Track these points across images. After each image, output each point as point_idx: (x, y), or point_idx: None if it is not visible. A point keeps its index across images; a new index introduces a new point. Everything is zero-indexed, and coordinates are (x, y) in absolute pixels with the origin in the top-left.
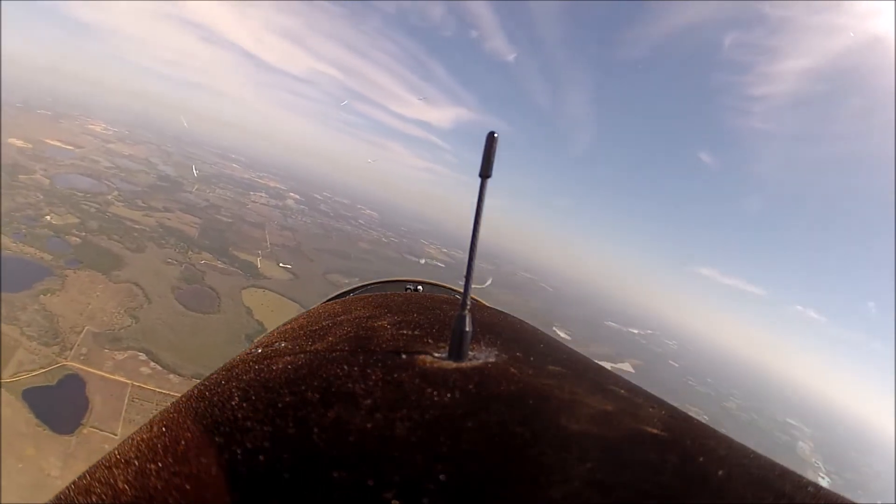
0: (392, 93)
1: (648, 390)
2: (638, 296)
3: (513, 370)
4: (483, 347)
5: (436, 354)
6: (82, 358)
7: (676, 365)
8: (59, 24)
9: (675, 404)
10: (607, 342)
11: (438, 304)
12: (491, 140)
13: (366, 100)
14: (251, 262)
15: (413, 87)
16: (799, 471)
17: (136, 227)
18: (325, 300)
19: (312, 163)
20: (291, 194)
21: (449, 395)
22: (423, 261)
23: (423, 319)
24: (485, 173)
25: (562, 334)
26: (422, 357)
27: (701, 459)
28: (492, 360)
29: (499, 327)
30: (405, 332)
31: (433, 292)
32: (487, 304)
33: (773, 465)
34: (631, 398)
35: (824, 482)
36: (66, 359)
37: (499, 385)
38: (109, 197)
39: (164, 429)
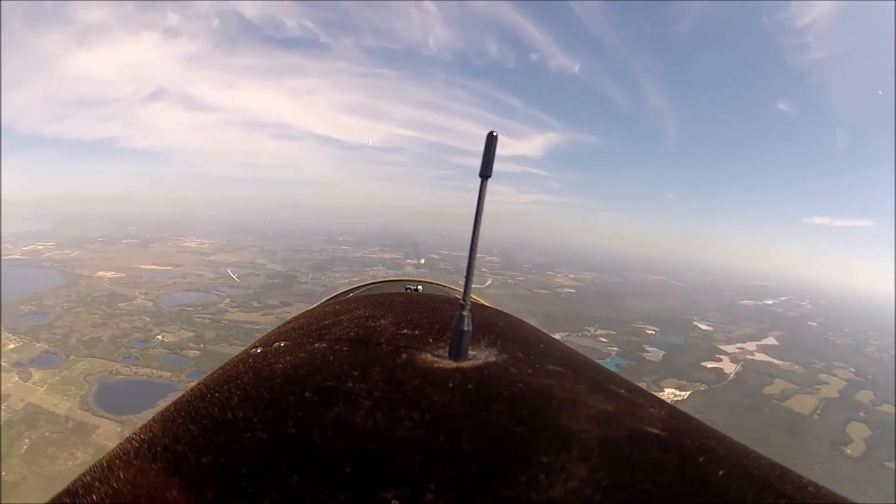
0: (478, 136)
1: (796, 358)
2: (763, 264)
3: (513, 370)
4: (483, 347)
5: (436, 354)
6: None
7: (815, 325)
8: (125, 158)
9: (823, 364)
10: (747, 321)
11: (438, 304)
12: (490, 140)
13: (454, 150)
14: None
15: (496, 126)
16: None
17: (257, 327)
18: (325, 300)
19: (422, 226)
20: (409, 261)
21: (449, 394)
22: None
23: (423, 319)
24: (484, 173)
25: (703, 327)
26: (422, 357)
27: (701, 459)
28: (492, 359)
29: (499, 327)
30: (405, 331)
31: (433, 292)
32: (488, 304)
33: (772, 465)
34: (631, 398)
35: None
36: None
37: (499, 385)
38: (221, 305)
39: (164, 429)
